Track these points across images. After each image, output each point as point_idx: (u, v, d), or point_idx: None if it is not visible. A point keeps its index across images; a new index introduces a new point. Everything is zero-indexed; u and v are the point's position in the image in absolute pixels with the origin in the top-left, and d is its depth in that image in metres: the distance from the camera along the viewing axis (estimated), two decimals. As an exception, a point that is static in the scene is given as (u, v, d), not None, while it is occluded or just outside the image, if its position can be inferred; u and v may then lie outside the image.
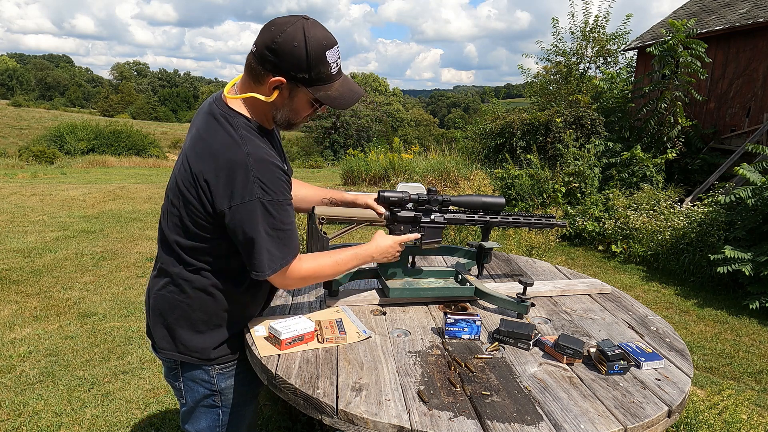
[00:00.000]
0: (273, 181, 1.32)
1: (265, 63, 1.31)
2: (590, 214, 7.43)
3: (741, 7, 9.83)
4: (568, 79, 12.30)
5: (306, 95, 1.35)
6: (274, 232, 1.34)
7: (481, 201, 1.88)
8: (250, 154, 1.31)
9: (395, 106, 59.45)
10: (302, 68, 1.30)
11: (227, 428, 1.58)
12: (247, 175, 1.29)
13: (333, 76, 1.35)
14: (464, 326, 1.58)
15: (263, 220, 1.32)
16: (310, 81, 1.32)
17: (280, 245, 1.36)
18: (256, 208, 1.31)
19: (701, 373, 3.77)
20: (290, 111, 1.39)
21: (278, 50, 1.28)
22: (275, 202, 1.33)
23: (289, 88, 1.34)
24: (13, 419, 2.76)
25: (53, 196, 9.22)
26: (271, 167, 1.33)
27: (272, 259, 1.36)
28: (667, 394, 1.34)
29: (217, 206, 1.33)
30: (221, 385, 1.53)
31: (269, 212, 1.32)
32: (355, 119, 37.67)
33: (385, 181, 10.92)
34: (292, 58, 1.28)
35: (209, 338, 1.49)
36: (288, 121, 1.42)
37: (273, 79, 1.31)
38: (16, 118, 44.96)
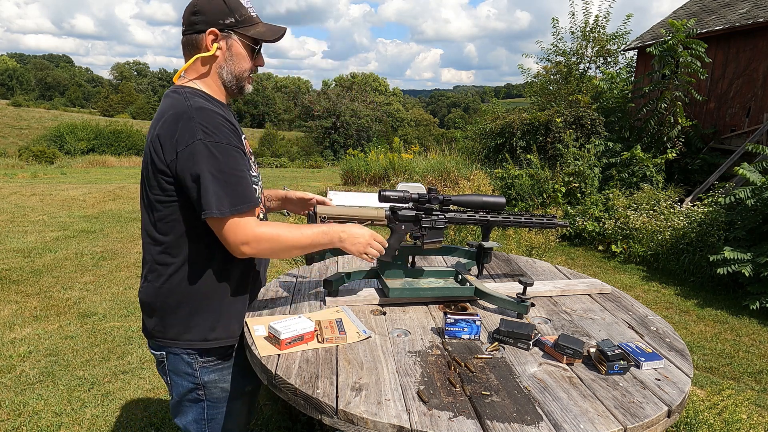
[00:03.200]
0: (215, 125, 1.34)
1: (195, 26, 1.43)
2: (590, 214, 7.43)
3: (741, 7, 9.83)
4: (568, 79, 12.30)
5: (241, 40, 1.45)
6: (220, 174, 1.32)
7: (481, 200, 1.88)
8: (191, 106, 1.36)
9: (395, 106, 59.49)
10: (226, 13, 1.42)
11: (213, 423, 1.57)
12: (189, 121, 1.33)
13: (255, 18, 1.47)
14: (464, 326, 1.58)
15: (207, 161, 1.31)
16: (237, 23, 1.43)
17: (228, 189, 1.32)
18: (199, 149, 1.31)
19: (701, 373, 3.77)
20: (233, 63, 1.46)
21: (200, 9, 1.42)
22: (218, 143, 1.33)
23: (224, 38, 1.44)
24: (13, 419, 2.76)
25: (53, 196, 9.22)
26: (212, 114, 1.36)
27: (220, 201, 1.31)
28: (667, 394, 1.34)
29: (167, 159, 1.34)
30: (204, 378, 1.53)
31: (212, 153, 1.32)
32: (355, 119, 37.66)
33: (385, 181, 10.92)
34: (214, 8, 1.41)
35: (187, 323, 1.49)
36: (235, 76, 1.48)
37: (207, 33, 1.42)
38: (16, 118, 44.96)
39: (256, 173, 1.55)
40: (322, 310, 1.77)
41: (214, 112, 1.37)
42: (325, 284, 1.85)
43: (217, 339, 1.52)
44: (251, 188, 1.38)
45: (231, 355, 1.55)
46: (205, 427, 1.57)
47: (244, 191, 1.36)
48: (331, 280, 1.83)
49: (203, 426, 1.57)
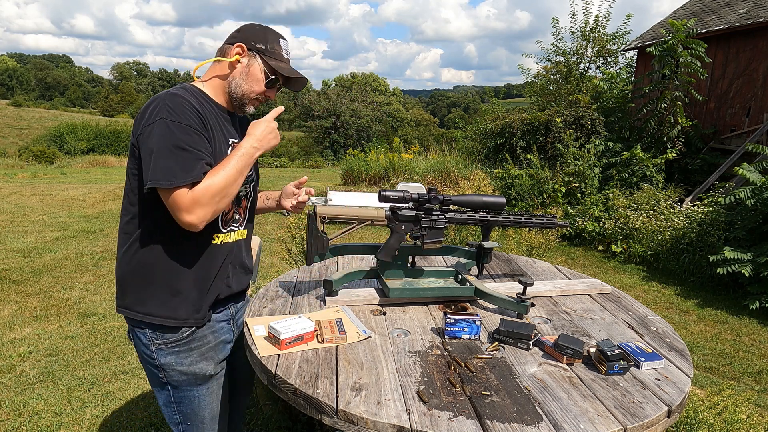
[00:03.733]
0: (181, 109, 1.42)
1: (231, 39, 1.58)
2: (590, 214, 7.43)
3: (741, 7, 9.82)
4: (568, 79, 12.30)
5: (261, 65, 1.56)
6: (176, 150, 1.38)
7: (481, 200, 1.88)
8: (168, 92, 1.46)
9: (395, 106, 59.46)
10: (260, 39, 1.56)
11: (182, 407, 1.60)
12: (159, 103, 1.42)
13: (285, 59, 1.60)
14: (464, 326, 1.58)
15: (165, 135, 1.38)
16: (265, 52, 1.56)
17: (181, 163, 1.37)
18: (160, 126, 1.39)
19: (701, 373, 3.77)
20: (245, 80, 1.56)
21: (243, 29, 1.59)
22: (178, 122, 1.40)
23: (248, 56, 1.55)
24: (13, 419, 2.76)
25: (53, 196, 9.22)
26: (182, 101, 1.43)
27: (170, 173, 1.36)
28: (667, 394, 1.34)
29: (136, 133, 1.44)
30: (161, 360, 1.55)
31: (171, 130, 1.39)
32: (355, 119, 37.66)
33: (385, 181, 10.92)
34: (253, 32, 1.57)
35: (140, 294, 1.53)
36: (242, 91, 1.56)
37: (235, 45, 1.56)
38: (16, 118, 44.93)
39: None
40: (322, 310, 1.77)
41: (186, 100, 1.44)
42: (325, 284, 1.85)
43: (168, 317, 1.53)
44: (199, 165, 1.41)
45: (187, 339, 1.56)
46: (174, 410, 1.61)
47: (190, 166, 1.39)
48: (331, 280, 1.83)
49: (173, 410, 1.61)
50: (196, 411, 1.62)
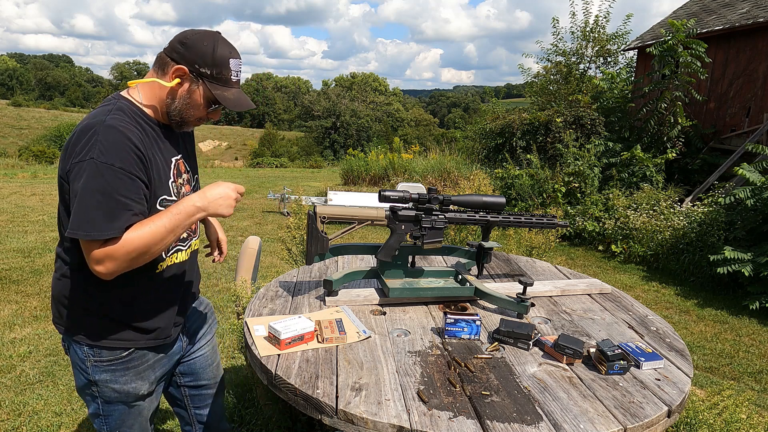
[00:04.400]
0: (115, 148, 1.29)
1: (174, 53, 1.40)
2: (590, 214, 7.43)
3: (741, 7, 9.82)
4: (568, 79, 12.30)
5: (204, 92, 1.42)
6: (102, 197, 1.27)
7: (481, 200, 1.88)
8: (104, 122, 1.33)
9: (395, 106, 59.47)
10: (206, 63, 1.40)
11: (111, 420, 1.56)
12: (92, 137, 1.30)
13: (232, 83, 1.45)
14: (464, 326, 1.58)
15: (93, 179, 1.27)
16: (210, 77, 1.41)
17: (104, 214, 1.27)
18: (90, 167, 1.27)
19: (701, 373, 3.77)
20: (186, 104, 1.43)
21: (188, 43, 1.40)
22: (110, 165, 1.27)
23: (190, 80, 1.41)
24: (13, 419, 2.76)
25: (53, 196, 9.22)
26: (118, 135, 1.31)
27: (90, 224, 1.26)
28: (667, 394, 1.34)
29: (65, 166, 1.33)
30: (96, 377, 1.50)
31: (101, 173, 1.27)
32: (355, 119, 37.65)
33: (385, 181, 10.92)
34: (199, 52, 1.39)
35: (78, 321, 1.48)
36: (181, 115, 1.45)
37: (176, 67, 1.39)
38: (16, 118, 44.96)
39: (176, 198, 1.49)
40: (322, 310, 1.77)
41: (123, 134, 1.32)
42: (325, 284, 1.85)
43: (105, 347, 1.48)
44: (124, 217, 1.30)
45: (125, 358, 1.50)
46: (103, 423, 1.57)
47: (114, 217, 1.28)
48: (331, 280, 1.83)
49: (102, 421, 1.57)
50: (126, 424, 1.57)
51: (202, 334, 1.80)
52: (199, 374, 1.80)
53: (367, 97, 52.17)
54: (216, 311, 4.23)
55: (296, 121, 54.62)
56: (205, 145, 48.74)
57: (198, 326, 1.78)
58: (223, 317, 4.07)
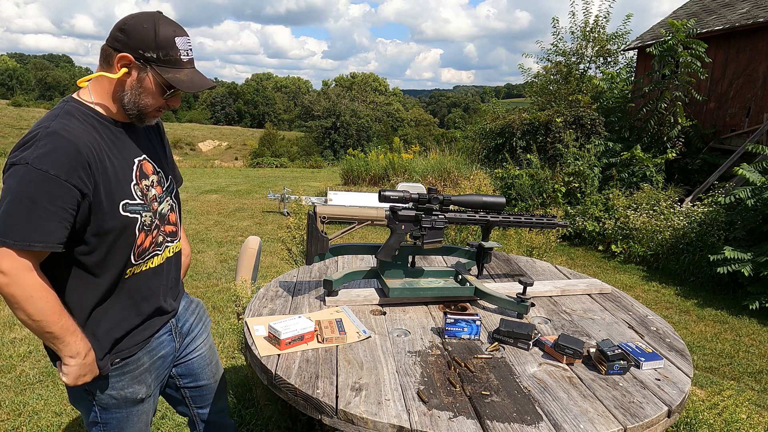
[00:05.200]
0: (54, 153, 1.23)
1: (115, 42, 1.32)
2: (590, 214, 7.43)
3: (741, 7, 9.83)
4: (568, 79, 12.30)
5: (154, 78, 1.34)
6: (27, 203, 1.21)
7: (481, 200, 1.88)
8: (49, 127, 1.27)
9: (395, 106, 59.48)
10: (150, 47, 1.31)
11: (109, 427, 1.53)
12: (34, 140, 1.25)
13: (183, 63, 1.36)
14: (464, 326, 1.58)
15: (21, 185, 1.21)
16: (158, 61, 1.32)
17: (30, 220, 1.21)
18: (23, 172, 1.22)
19: (701, 373, 3.77)
20: (138, 94, 1.35)
21: (127, 29, 1.31)
22: (44, 172, 1.21)
23: (137, 68, 1.33)
24: (13, 419, 2.76)
25: (53, 196, 9.21)
26: (60, 140, 1.25)
27: (10, 229, 1.20)
28: (667, 394, 1.34)
29: (5, 165, 1.27)
30: (90, 385, 1.45)
31: (32, 180, 1.21)
32: (355, 119, 37.67)
33: (385, 181, 10.92)
34: (140, 37, 1.30)
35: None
36: (137, 107, 1.37)
37: (120, 55, 1.31)
38: (16, 118, 44.95)
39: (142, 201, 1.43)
40: (322, 310, 1.77)
41: (67, 140, 1.26)
42: (325, 284, 1.85)
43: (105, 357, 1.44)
44: (50, 228, 1.23)
45: (119, 365, 1.47)
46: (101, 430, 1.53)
47: (39, 226, 1.22)
48: (331, 280, 1.83)
49: (100, 429, 1.53)
50: (126, 428, 1.55)
51: (196, 334, 1.77)
52: (198, 374, 1.78)
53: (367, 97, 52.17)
54: (216, 311, 4.24)
55: (296, 121, 54.62)
56: (205, 145, 48.74)
57: (191, 326, 1.75)
58: (223, 317, 4.07)
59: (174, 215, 1.58)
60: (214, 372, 1.83)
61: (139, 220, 1.41)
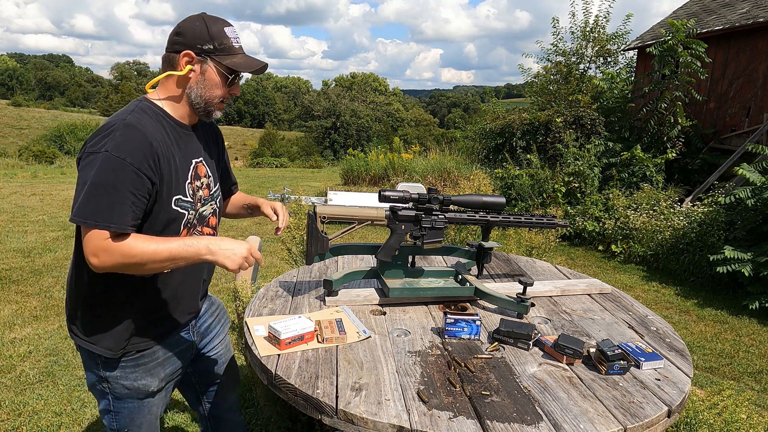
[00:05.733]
0: (129, 144, 1.33)
1: (175, 45, 1.44)
2: (590, 214, 7.43)
3: (741, 7, 9.82)
4: (568, 79, 12.30)
5: (216, 67, 1.45)
6: (108, 188, 1.30)
7: (481, 200, 1.88)
8: (124, 120, 1.37)
9: (395, 106, 59.46)
10: (205, 40, 1.43)
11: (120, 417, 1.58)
12: (110, 132, 1.34)
13: (235, 49, 1.47)
14: (464, 326, 1.58)
15: (101, 171, 1.30)
16: (215, 51, 1.44)
17: (105, 204, 1.30)
18: (102, 159, 1.31)
19: (701, 373, 3.77)
20: (204, 87, 1.46)
21: (182, 31, 1.44)
22: (121, 160, 1.31)
23: (199, 62, 1.44)
24: (13, 419, 2.76)
25: (53, 196, 9.22)
26: (135, 132, 1.35)
27: (91, 212, 1.29)
28: (667, 394, 1.34)
29: (79, 156, 1.37)
30: (106, 373, 1.53)
31: (111, 167, 1.31)
32: (355, 119, 37.66)
33: (385, 181, 10.92)
34: (195, 33, 1.43)
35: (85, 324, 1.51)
36: (204, 99, 1.47)
37: (182, 53, 1.43)
38: (16, 118, 44.94)
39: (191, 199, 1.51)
40: (322, 310, 1.77)
41: (140, 132, 1.36)
42: (325, 284, 1.85)
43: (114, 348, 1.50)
44: (126, 212, 1.33)
45: (135, 357, 1.53)
46: (113, 419, 1.59)
47: (116, 210, 1.32)
48: (331, 280, 1.83)
49: (112, 417, 1.59)
50: (136, 420, 1.60)
51: (214, 334, 1.82)
52: (212, 372, 1.84)
53: (367, 97, 52.15)
54: (216, 311, 4.24)
55: (296, 121, 54.61)
56: (205, 145, 48.57)
57: (210, 325, 1.81)
58: (223, 317, 4.07)
59: (214, 219, 1.66)
60: (228, 371, 1.89)
61: (186, 216, 1.51)
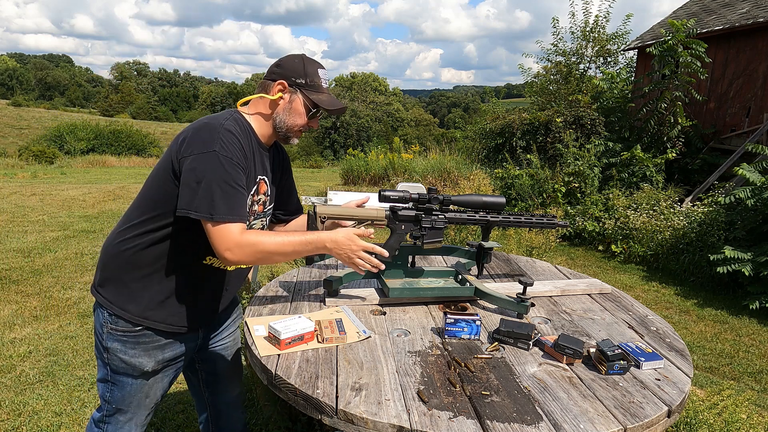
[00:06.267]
0: (233, 146, 1.50)
1: (272, 74, 1.65)
2: (590, 214, 7.43)
3: (741, 7, 9.82)
4: (568, 79, 12.30)
5: (303, 100, 1.63)
6: (224, 185, 1.46)
7: (481, 200, 1.88)
8: (224, 125, 1.53)
9: (395, 106, 59.43)
10: (300, 74, 1.63)
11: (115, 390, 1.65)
12: (214, 133, 1.50)
13: (323, 88, 1.67)
14: (464, 326, 1.58)
15: (216, 169, 1.45)
16: (305, 86, 1.63)
17: (226, 200, 1.45)
18: (212, 158, 1.46)
19: (701, 373, 3.77)
20: (289, 115, 1.64)
21: (282, 64, 1.65)
22: (230, 158, 1.48)
23: (290, 92, 1.63)
24: (13, 419, 2.76)
25: (53, 196, 9.22)
26: (234, 138, 1.52)
27: (215, 208, 1.44)
28: (667, 394, 1.34)
29: (183, 152, 1.49)
30: (108, 344, 1.60)
31: (222, 164, 1.46)
32: (355, 119, 37.67)
33: (385, 181, 10.92)
34: (293, 67, 1.64)
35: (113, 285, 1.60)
36: (286, 126, 1.64)
37: (277, 82, 1.63)
38: (16, 118, 44.92)
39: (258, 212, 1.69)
40: (322, 310, 1.77)
41: (236, 137, 1.53)
42: (325, 284, 1.85)
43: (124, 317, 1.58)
44: (244, 204, 1.53)
45: (137, 333, 1.60)
46: (108, 389, 1.66)
47: (240, 208, 1.50)
48: (331, 280, 1.83)
49: (107, 388, 1.66)
50: (126, 397, 1.66)
51: (225, 325, 1.89)
52: (216, 363, 1.90)
53: (367, 97, 52.17)
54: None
55: (296, 121, 54.36)
56: (205, 145, 48.59)
57: (222, 318, 1.87)
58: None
59: None
60: (233, 365, 1.96)
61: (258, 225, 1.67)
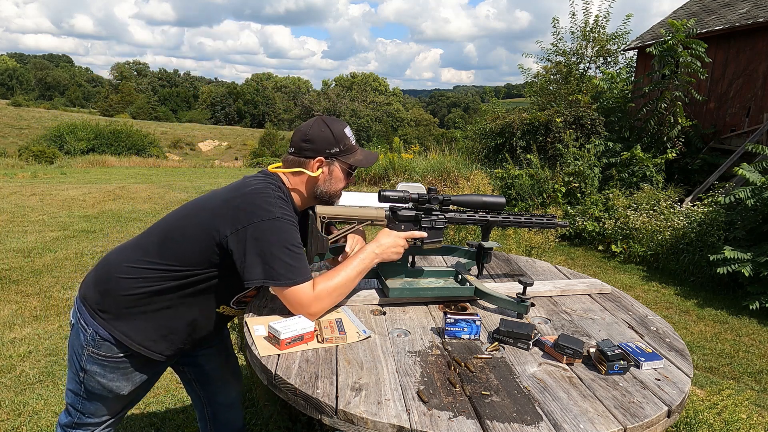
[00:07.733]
0: (287, 208, 1.56)
1: (305, 152, 1.65)
2: (590, 214, 7.44)
3: (741, 7, 9.83)
4: (568, 79, 12.31)
5: (341, 165, 1.68)
6: (292, 247, 1.49)
7: (481, 200, 1.88)
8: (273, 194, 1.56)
9: (395, 106, 59.46)
10: (332, 144, 1.65)
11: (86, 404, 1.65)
12: (272, 201, 1.52)
13: (354, 147, 1.71)
14: (464, 326, 1.58)
15: (285, 234, 1.49)
16: (340, 153, 1.66)
17: (297, 263, 1.49)
18: (278, 225, 1.49)
19: (701, 373, 3.77)
20: (331, 184, 1.68)
21: (312, 138, 1.64)
22: (286, 220, 1.51)
23: (328, 164, 1.66)
24: (13, 419, 2.76)
25: (53, 196, 9.22)
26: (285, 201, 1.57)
27: (292, 271, 1.48)
28: (667, 394, 1.34)
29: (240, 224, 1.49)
30: (87, 366, 1.60)
31: (287, 229, 1.50)
32: (355, 119, 37.67)
33: (385, 181, 10.92)
34: (324, 138, 1.64)
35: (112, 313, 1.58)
36: (329, 194, 1.69)
37: (315, 161, 1.65)
38: (16, 118, 44.92)
39: None
40: (322, 310, 1.77)
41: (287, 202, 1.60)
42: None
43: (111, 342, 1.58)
44: (306, 262, 1.55)
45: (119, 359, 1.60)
46: (79, 402, 1.66)
47: (305, 263, 1.54)
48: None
49: (79, 400, 1.66)
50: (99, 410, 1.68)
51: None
52: (203, 366, 1.91)
53: (367, 97, 52.20)
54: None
55: (296, 121, 54.62)
56: (205, 145, 48.70)
57: None
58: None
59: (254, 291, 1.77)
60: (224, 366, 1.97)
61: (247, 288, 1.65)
